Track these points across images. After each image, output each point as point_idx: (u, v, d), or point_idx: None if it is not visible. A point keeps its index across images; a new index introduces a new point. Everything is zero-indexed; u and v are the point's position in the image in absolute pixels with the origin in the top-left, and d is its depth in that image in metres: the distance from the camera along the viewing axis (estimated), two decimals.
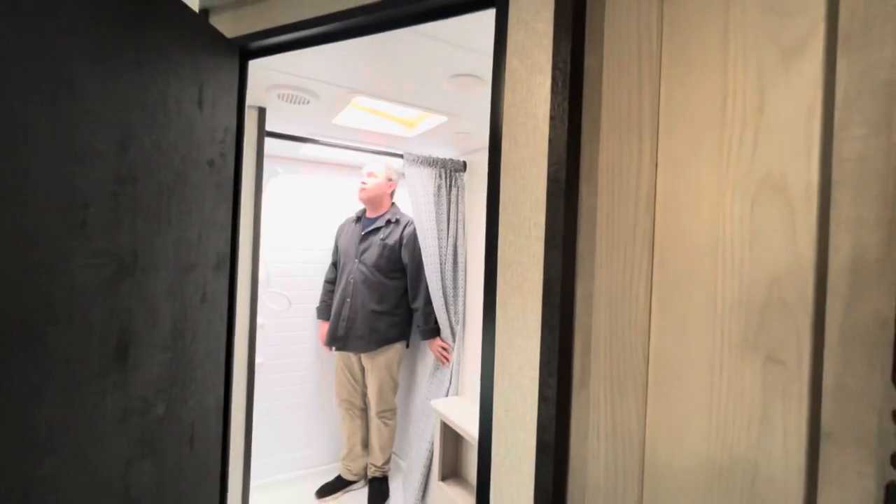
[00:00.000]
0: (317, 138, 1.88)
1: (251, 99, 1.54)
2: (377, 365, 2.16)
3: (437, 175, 2.09)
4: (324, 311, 2.33)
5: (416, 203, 2.07)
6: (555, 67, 0.67)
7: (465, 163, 2.18)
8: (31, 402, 0.62)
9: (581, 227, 0.65)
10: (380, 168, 2.20)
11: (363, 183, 2.19)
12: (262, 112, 1.65)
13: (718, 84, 0.48)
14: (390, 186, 2.23)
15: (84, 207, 0.65)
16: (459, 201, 2.15)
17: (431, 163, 2.07)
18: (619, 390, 0.59)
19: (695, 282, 0.50)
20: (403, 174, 2.14)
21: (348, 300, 2.17)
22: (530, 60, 0.70)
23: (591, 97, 0.65)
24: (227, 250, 0.98)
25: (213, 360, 0.96)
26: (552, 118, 0.66)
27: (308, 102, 1.54)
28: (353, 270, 2.19)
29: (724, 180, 0.47)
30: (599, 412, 0.61)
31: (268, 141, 1.73)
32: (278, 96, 1.50)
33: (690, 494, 0.49)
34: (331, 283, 2.35)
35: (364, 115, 1.83)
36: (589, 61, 0.66)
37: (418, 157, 2.05)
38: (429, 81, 1.34)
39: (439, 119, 1.72)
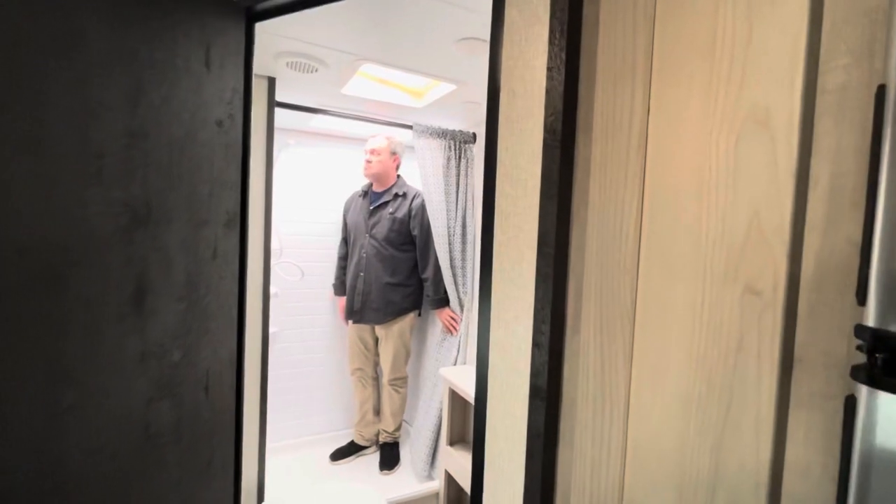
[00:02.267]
0: (326, 109, 1.89)
1: (260, 68, 1.56)
2: (391, 334, 2.22)
3: (447, 147, 2.09)
4: (340, 288, 2.39)
5: (424, 175, 2.08)
6: (553, 17, 0.67)
7: (474, 134, 2.17)
8: (54, 337, 0.67)
9: (576, 176, 0.66)
10: (382, 144, 2.19)
11: (368, 161, 2.20)
12: (271, 82, 1.66)
13: (709, 19, 0.48)
14: (395, 160, 2.24)
15: (98, 158, 0.69)
16: (469, 173, 2.15)
17: (440, 134, 2.07)
18: (607, 333, 0.60)
19: (681, 220, 0.51)
20: (409, 146, 2.14)
21: (362, 274, 2.22)
22: (529, 11, 0.70)
23: (588, 47, 0.65)
24: (237, 210, 1.02)
25: (226, 315, 1.01)
26: (549, 69, 0.67)
27: (316, 70, 1.56)
28: (365, 245, 2.23)
29: (711, 118, 0.48)
30: (589, 355, 0.63)
31: (278, 113, 1.75)
32: (287, 64, 1.51)
33: (670, 424, 0.51)
34: (344, 259, 2.40)
35: (372, 84, 1.83)
36: (587, 9, 0.65)
37: (427, 129, 2.05)
38: (436, 46, 1.33)
39: (447, 87, 1.71)
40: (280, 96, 1.73)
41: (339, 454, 2.32)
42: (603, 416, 0.61)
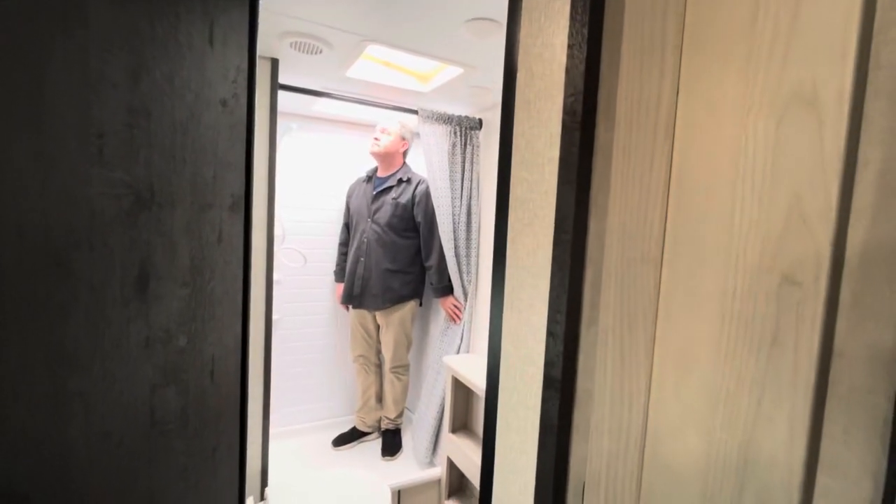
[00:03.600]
0: (330, 92, 1.85)
1: (263, 49, 1.52)
2: (391, 322, 2.21)
3: (452, 133, 2.05)
4: (340, 275, 2.37)
5: (429, 162, 2.04)
6: None
7: (480, 120, 2.13)
8: (57, 320, 0.65)
9: (596, 162, 0.63)
10: (394, 125, 2.17)
11: (376, 138, 2.17)
12: (275, 63, 1.62)
13: None
14: (403, 145, 2.21)
15: (99, 137, 0.66)
16: (474, 160, 2.12)
17: (446, 120, 2.03)
18: (627, 324, 0.58)
19: (712, 208, 0.48)
20: (417, 133, 2.10)
21: (362, 259, 2.20)
22: None
23: (612, 23, 0.62)
24: (242, 192, 0.99)
25: (231, 301, 0.99)
26: (570, 46, 0.64)
27: (321, 52, 1.51)
28: (367, 230, 2.21)
29: (749, 97, 0.45)
30: (607, 347, 0.62)
31: (281, 97, 1.72)
32: (291, 45, 1.47)
33: (694, 419, 0.50)
34: (344, 244, 2.38)
35: (378, 67, 1.79)
36: None
37: (433, 114, 2.01)
38: (444, 26, 1.29)
39: (454, 71, 1.67)
40: (283, 78, 1.70)
41: (342, 440, 2.33)
42: (621, 408, 0.59)
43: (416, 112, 2.00)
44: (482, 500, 0.75)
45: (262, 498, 1.65)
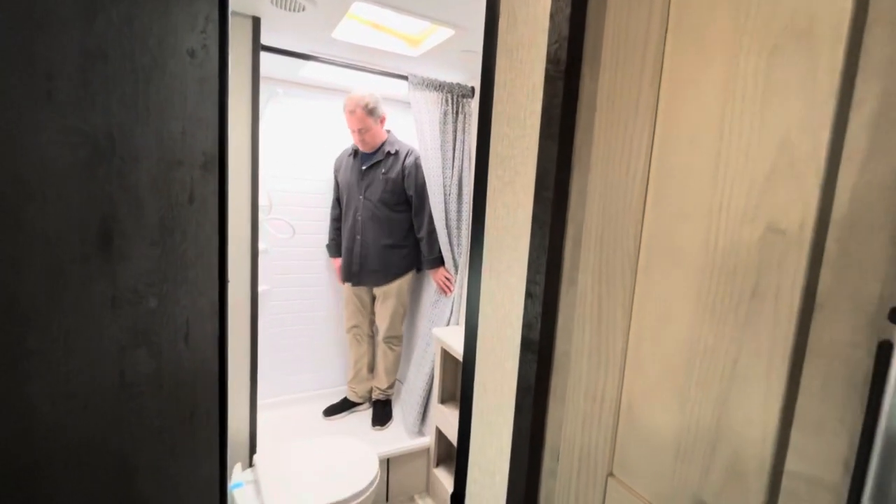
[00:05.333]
0: (316, 55, 1.78)
1: (243, 6, 1.44)
2: (390, 293, 2.20)
3: (443, 100, 1.99)
4: (334, 249, 2.34)
5: (420, 131, 1.99)
6: None
7: (472, 88, 2.06)
8: (9, 275, 0.62)
9: (580, 114, 0.60)
10: (357, 111, 2.00)
11: (358, 137, 2.07)
12: (256, 22, 1.55)
13: None
14: (380, 119, 2.10)
15: (48, 79, 0.61)
16: (466, 129, 2.06)
17: (437, 87, 1.97)
18: (607, 282, 0.56)
19: (697, 155, 0.45)
20: (405, 102, 2.03)
21: (358, 237, 2.17)
22: None
23: None
24: (215, 152, 0.95)
25: (205, 264, 0.96)
26: None
27: (304, 9, 1.44)
28: (360, 208, 2.16)
29: (740, 33, 0.41)
30: (586, 307, 0.60)
31: (266, 61, 1.64)
32: (272, 1, 1.39)
33: (670, 377, 0.48)
34: (337, 220, 2.34)
35: (365, 28, 1.71)
36: None
37: (423, 80, 1.94)
38: None
39: (445, 33, 1.60)
40: (266, 39, 1.62)
41: (333, 410, 2.35)
42: (598, 369, 0.58)
43: (405, 78, 1.93)
44: (459, 462, 0.74)
45: (251, 465, 1.67)
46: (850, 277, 0.35)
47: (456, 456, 0.77)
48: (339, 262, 2.31)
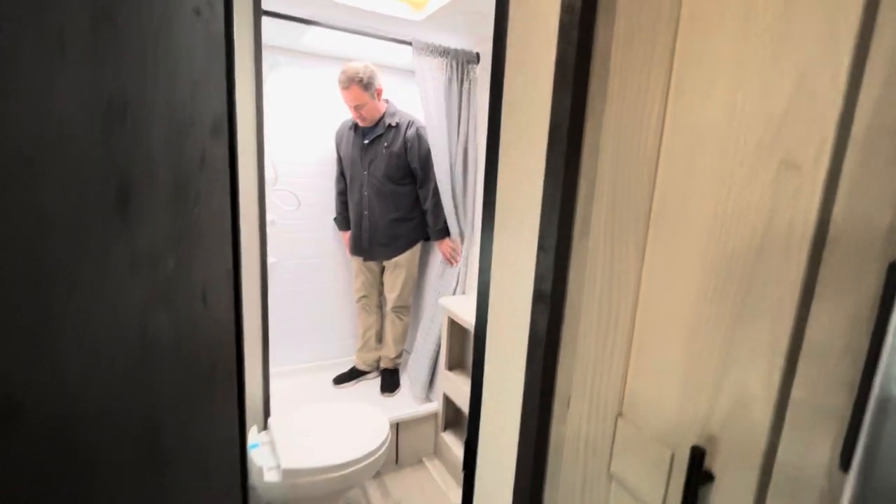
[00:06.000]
0: (317, 20, 1.74)
1: None
2: (399, 263, 2.22)
3: (448, 67, 1.95)
4: (342, 223, 2.35)
5: (425, 98, 1.96)
6: None
7: (477, 54, 2.02)
8: (36, 231, 0.63)
9: (594, 63, 0.59)
10: (352, 87, 1.95)
11: (356, 113, 2.04)
12: None
13: None
14: (377, 91, 2.05)
15: (59, 35, 0.61)
16: (471, 97, 2.03)
17: (442, 52, 1.93)
18: (620, 229, 0.57)
19: (713, 95, 0.45)
20: (408, 70, 1.99)
21: (365, 213, 2.18)
22: None
23: None
24: (224, 116, 0.95)
25: (219, 229, 0.97)
26: None
27: None
28: (365, 184, 2.16)
29: None
30: (598, 257, 0.61)
31: (267, 29, 1.61)
32: None
33: (680, 319, 0.49)
34: (343, 194, 2.33)
35: None
36: None
37: (427, 46, 1.90)
38: None
39: None
40: (267, 5, 1.59)
41: (342, 378, 2.40)
42: (609, 317, 0.59)
43: (409, 44, 1.90)
44: (472, 411, 0.77)
45: (265, 427, 1.73)
46: (863, 209, 0.36)
47: (469, 406, 0.80)
48: (348, 235, 2.33)
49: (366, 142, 2.14)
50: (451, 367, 2.05)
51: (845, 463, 0.34)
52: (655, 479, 0.52)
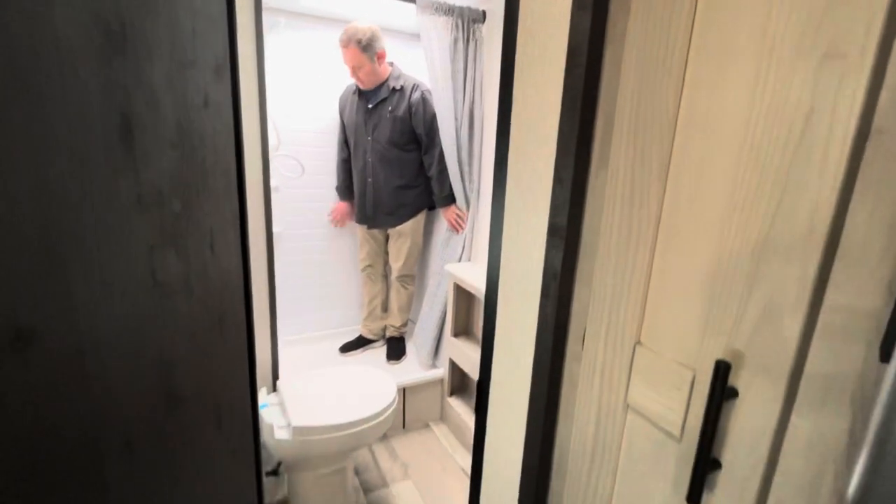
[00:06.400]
0: None
1: None
2: (404, 231, 2.20)
3: (454, 26, 1.89)
4: (345, 192, 2.32)
5: (430, 59, 1.91)
6: None
7: (483, 12, 1.96)
8: (38, 153, 0.62)
9: None
10: (350, 47, 1.88)
11: (354, 76, 1.98)
12: None
13: None
14: (378, 55, 1.99)
15: None
16: (477, 57, 1.98)
17: (447, 10, 1.87)
18: (641, 154, 0.55)
19: None
20: (412, 34, 1.94)
21: (370, 180, 2.15)
22: None
23: None
24: (226, 55, 0.92)
25: (224, 173, 0.96)
26: None
27: None
28: (368, 150, 2.12)
29: None
30: (617, 184, 0.59)
31: None
32: None
33: (707, 234, 0.48)
34: (346, 161, 2.30)
35: None
36: None
37: (432, 4, 1.84)
38: None
39: None
40: None
41: (348, 347, 2.42)
42: (628, 245, 0.57)
43: (413, 1, 1.83)
44: (484, 350, 0.76)
45: (274, 389, 1.75)
46: None
47: (481, 344, 0.79)
48: (342, 204, 2.32)
49: (369, 106, 2.09)
50: (456, 334, 2.06)
51: (885, 354, 0.33)
52: (675, 402, 0.52)
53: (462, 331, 2.09)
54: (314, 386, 1.54)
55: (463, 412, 1.98)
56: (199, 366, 0.93)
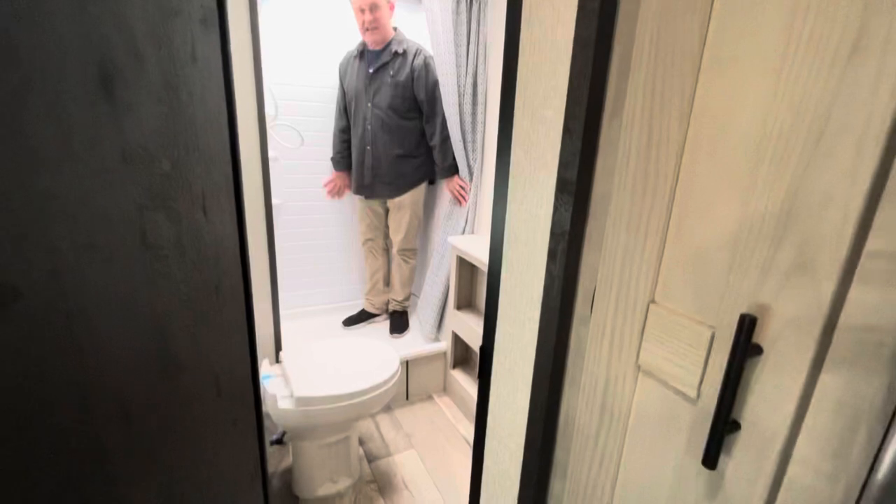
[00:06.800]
0: None
1: None
2: (403, 204, 2.16)
3: None
4: (341, 163, 2.26)
5: (432, 22, 1.83)
6: None
7: None
8: (11, 105, 0.57)
9: None
10: None
11: (370, 23, 1.89)
12: None
13: None
14: (391, 7, 1.94)
15: None
16: (481, 21, 1.89)
17: None
18: (661, 96, 0.50)
19: None
20: None
21: (368, 148, 2.09)
22: None
23: None
24: (213, 5, 0.86)
25: (216, 133, 0.91)
26: None
27: None
28: (368, 116, 2.06)
29: None
30: (633, 132, 0.54)
31: None
32: None
33: (732, 181, 0.44)
34: (344, 131, 2.24)
35: None
36: None
37: None
38: None
39: None
40: None
41: (351, 320, 2.41)
42: (643, 198, 0.54)
43: None
44: (488, 314, 0.74)
45: (277, 361, 1.75)
46: None
47: (485, 310, 0.76)
48: (338, 175, 2.28)
49: (371, 70, 2.02)
50: (459, 307, 2.04)
51: None
52: (692, 362, 0.49)
53: (465, 304, 2.07)
54: (317, 357, 1.53)
55: (466, 384, 1.98)
56: (197, 334, 0.91)
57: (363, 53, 2.07)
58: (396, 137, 2.07)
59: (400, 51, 2.00)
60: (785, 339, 0.40)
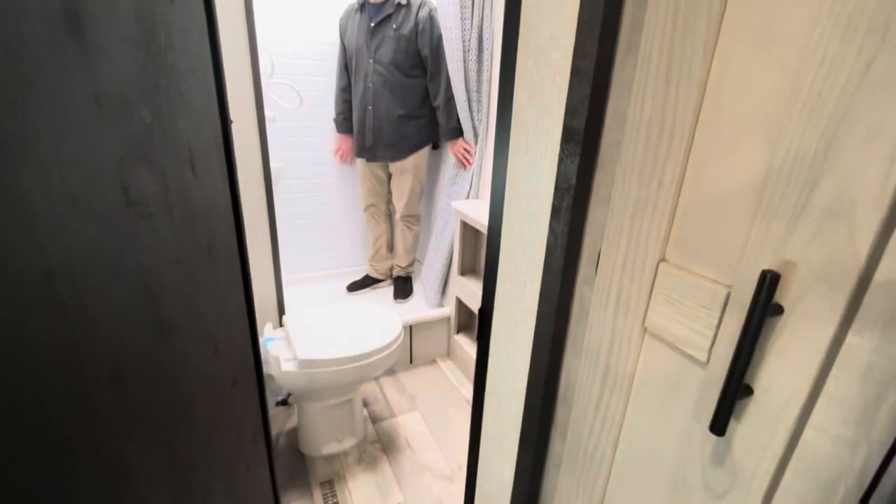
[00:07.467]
0: None
1: None
2: (406, 169, 2.10)
3: None
4: (344, 124, 2.19)
5: None
6: None
7: None
8: None
9: None
10: None
11: None
12: None
13: None
14: None
15: None
16: None
17: None
18: (683, 26, 0.44)
19: None
20: None
21: (370, 108, 2.00)
22: None
23: None
24: None
25: (201, 81, 0.86)
26: None
27: None
28: (370, 73, 1.96)
29: None
30: (649, 70, 0.49)
31: None
32: None
33: (760, 118, 0.39)
34: (345, 91, 2.15)
35: None
36: None
37: None
38: None
39: None
40: None
41: (355, 286, 2.41)
42: (658, 145, 0.49)
43: None
44: (487, 275, 0.70)
45: (281, 324, 1.75)
46: None
47: (484, 270, 0.73)
48: (344, 138, 2.20)
49: (372, 24, 1.92)
50: (463, 272, 2.02)
51: None
52: (704, 324, 0.45)
53: (469, 269, 2.05)
54: (320, 321, 1.53)
55: (469, 349, 1.98)
56: (190, 294, 0.89)
57: (364, 6, 1.95)
58: (399, 96, 1.98)
59: (403, 2, 1.88)
60: (810, 297, 0.36)
